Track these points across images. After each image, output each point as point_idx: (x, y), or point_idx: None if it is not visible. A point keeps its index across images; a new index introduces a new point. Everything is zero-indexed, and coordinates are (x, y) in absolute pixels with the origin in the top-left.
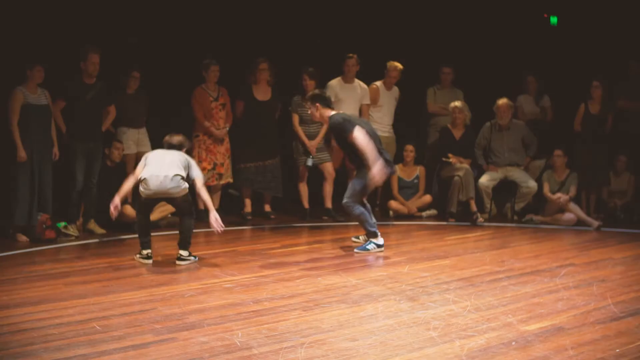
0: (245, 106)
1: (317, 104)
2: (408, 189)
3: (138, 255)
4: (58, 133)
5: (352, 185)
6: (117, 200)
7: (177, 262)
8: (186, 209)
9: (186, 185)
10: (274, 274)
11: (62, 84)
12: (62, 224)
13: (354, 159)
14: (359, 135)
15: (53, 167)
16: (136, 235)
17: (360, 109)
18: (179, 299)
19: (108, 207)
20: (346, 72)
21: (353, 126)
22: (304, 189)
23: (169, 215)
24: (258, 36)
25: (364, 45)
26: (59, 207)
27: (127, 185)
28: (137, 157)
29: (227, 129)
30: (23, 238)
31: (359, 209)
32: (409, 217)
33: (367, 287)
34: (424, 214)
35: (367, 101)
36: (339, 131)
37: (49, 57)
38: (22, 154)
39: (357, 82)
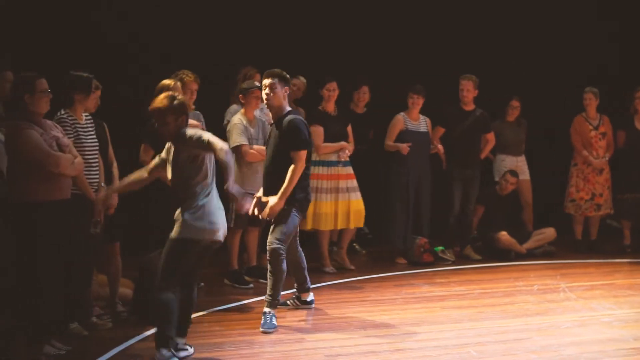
0: (627, 136)
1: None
2: None
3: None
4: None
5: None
6: None
7: None
8: None
9: None
10: None
11: (442, 111)
12: (440, 248)
13: None
14: None
15: (431, 192)
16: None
17: None
18: (555, 330)
19: (484, 235)
20: None
21: None
22: None
23: (546, 245)
24: None
25: None
26: (436, 232)
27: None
28: (519, 184)
29: (607, 158)
30: (402, 260)
31: (285, 265)
32: None
33: None
34: None
35: None
36: None
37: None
38: (402, 180)
39: None
